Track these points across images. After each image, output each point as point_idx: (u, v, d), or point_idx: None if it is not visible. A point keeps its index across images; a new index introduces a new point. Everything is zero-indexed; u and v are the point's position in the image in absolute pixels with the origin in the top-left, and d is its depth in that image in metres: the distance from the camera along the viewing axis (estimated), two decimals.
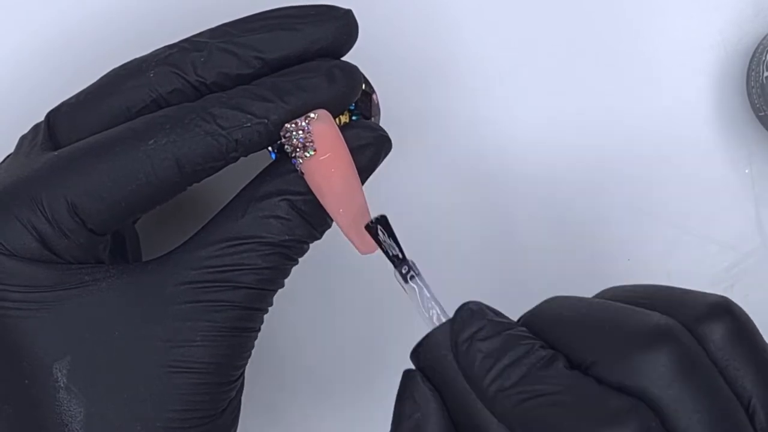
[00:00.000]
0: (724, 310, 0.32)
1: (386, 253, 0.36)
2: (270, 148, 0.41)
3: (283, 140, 0.37)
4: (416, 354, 0.34)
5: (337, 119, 0.38)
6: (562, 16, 0.48)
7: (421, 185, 0.47)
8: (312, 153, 0.36)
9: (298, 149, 0.36)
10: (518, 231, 0.47)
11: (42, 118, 0.40)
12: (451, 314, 0.34)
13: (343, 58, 0.39)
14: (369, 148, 0.38)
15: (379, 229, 0.37)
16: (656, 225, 0.47)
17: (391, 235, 0.37)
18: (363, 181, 0.38)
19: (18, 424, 0.37)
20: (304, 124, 0.36)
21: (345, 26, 0.38)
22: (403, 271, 0.36)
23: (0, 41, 0.47)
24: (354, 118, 0.42)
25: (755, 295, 0.47)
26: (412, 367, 0.35)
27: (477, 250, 0.47)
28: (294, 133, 0.36)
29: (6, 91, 0.47)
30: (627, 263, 0.47)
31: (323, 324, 0.47)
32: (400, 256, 0.36)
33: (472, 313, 0.33)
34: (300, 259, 0.38)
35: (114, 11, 0.47)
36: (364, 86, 0.42)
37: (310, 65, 0.37)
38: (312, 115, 0.37)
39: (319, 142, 0.36)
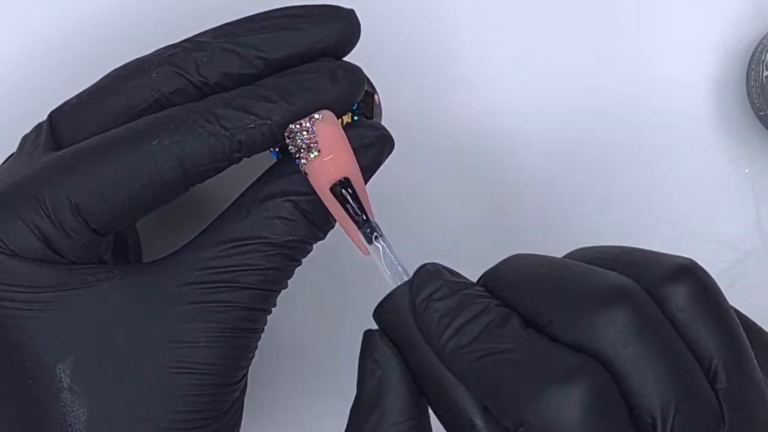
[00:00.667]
0: (687, 272, 0.32)
1: (350, 214, 0.37)
2: (272, 149, 0.41)
3: (287, 141, 0.37)
4: (378, 314, 0.35)
5: (339, 119, 0.38)
6: (562, 17, 0.48)
7: (421, 184, 0.47)
8: (316, 154, 0.36)
9: (302, 150, 0.36)
10: (518, 229, 0.48)
11: (43, 117, 0.40)
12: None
13: (345, 58, 0.39)
14: (372, 147, 0.38)
15: (344, 191, 0.37)
16: (656, 225, 0.47)
17: (355, 197, 0.37)
18: (366, 181, 0.38)
19: (20, 424, 0.37)
20: (308, 125, 0.36)
21: (348, 26, 0.38)
22: (367, 231, 0.37)
23: (0, 41, 0.47)
24: (356, 118, 0.42)
25: (755, 295, 0.47)
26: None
27: (477, 248, 0.47)
28: (298, 134, 0.36)
29: (7, 91, 0.46)
30: None
31: (326, 325, 0.47)
32: (364, 217, 0.37)
33: (428, 274, 0.33)
34: (303, 260, 0.38)
35: (114, 11, 0.47)
36: (366, 86, 0.42)
37: (313, 66, 0.37)
38: (316, 116, 0.37)
39: (323, 143, 0.36)
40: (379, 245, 0.37)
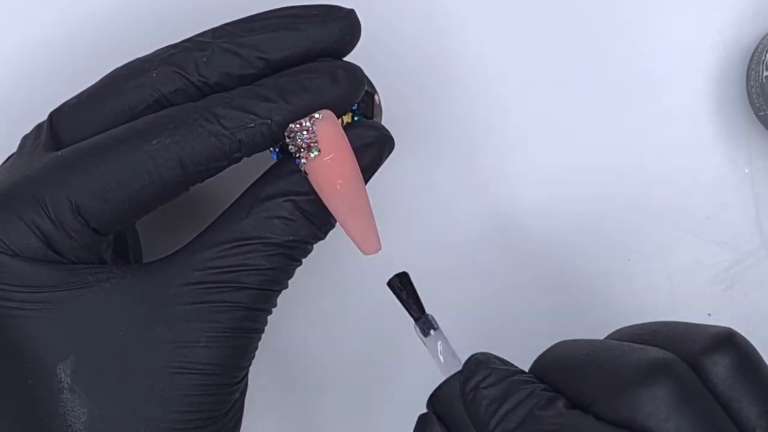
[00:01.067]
0: (726, 342, 0.32)
1: (406, 308, 0.38)
2: (271, 149, 0.41)
3: (288, 140, 0.37)
4: (431, 402, 0.36)
5: (339, 119, 0.38)
6: (562, 17, 0.48)
7: (421, 184, 0.47)
8: (316, 153, 0.36)
9: (302, 150, 0.36)
10: (517, 229, 0.48)
11: (43, 117, 0.40)
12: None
13: (345, 58, 0.39)
14: (372, 147, 0.38)
15: (401, 286, 0.38)
16: (656, 225, 0.47)
17: (412, 291, 0.38)
18: (366, 181, 0.38)
19: (20, 424, 0.37)
20: (308, 124, 0.36)
21: (348, 26, 0.38)
22: (424, 325, 0.38)
23: (0, 41, 0.46)
24: (356, 118, 0.42)
25: (755, 295, 0.47)
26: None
27: (476, 248, 0.47)
28: (298, 133, 0.36)
29: (7, 91, 0.46)
30: (627, 263, 0.47)
31: (326, 325, 0.47)
32: (419, 312, 0.38)
33: (478, 363, 0.34)
34: (303, 260, 0.38)
35: (114, 11, 0.47)
36: (366, 86, 0.42)
37: (313, 66, 0.37)
38: (316, 115, 0.37)
39: (324, 143, 0.36)
40: (435, 338, 0.38)
